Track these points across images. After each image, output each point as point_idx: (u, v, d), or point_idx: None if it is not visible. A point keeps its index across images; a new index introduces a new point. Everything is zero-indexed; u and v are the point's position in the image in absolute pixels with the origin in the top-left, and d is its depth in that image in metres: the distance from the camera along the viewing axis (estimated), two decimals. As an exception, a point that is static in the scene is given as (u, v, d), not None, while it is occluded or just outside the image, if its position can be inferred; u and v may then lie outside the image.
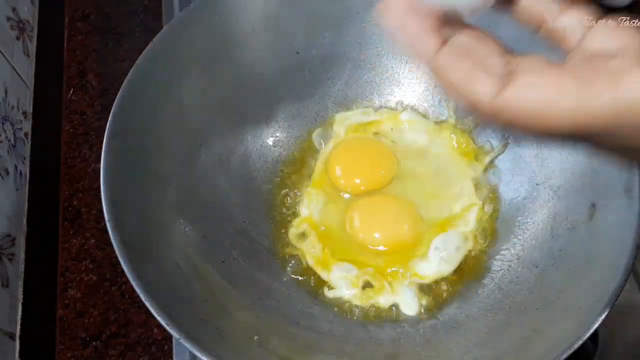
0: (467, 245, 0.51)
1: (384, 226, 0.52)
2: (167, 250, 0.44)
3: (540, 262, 0.47)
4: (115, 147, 0.43)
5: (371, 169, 0.55)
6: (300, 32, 0.54)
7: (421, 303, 0.48)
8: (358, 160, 0.55)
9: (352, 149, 0.56)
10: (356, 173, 0.54)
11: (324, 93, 0.57)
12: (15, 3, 0.69)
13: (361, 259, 0.50)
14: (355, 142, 0.57)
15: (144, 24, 0.72)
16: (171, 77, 0.48)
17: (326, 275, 0.50)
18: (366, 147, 0.57)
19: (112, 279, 0.57)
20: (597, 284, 0.40)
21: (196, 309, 0.42)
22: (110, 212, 0.41)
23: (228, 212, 0.51)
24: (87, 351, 0.54)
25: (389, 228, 0.52)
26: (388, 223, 0.52)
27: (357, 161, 0.55)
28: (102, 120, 0.65)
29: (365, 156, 0.56)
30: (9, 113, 0.63)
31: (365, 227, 0.51)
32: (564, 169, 0.48)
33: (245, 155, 0.54)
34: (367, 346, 0.46)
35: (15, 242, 0.60)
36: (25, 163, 0.65)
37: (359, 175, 0.54)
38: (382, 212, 0.53)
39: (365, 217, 0.52)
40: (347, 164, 0.55)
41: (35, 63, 0.72)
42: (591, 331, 0.37)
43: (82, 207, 0.61)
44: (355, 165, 0.55)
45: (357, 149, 0.56)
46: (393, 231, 0.52)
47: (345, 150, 0.56)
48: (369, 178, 0.54)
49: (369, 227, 0.51)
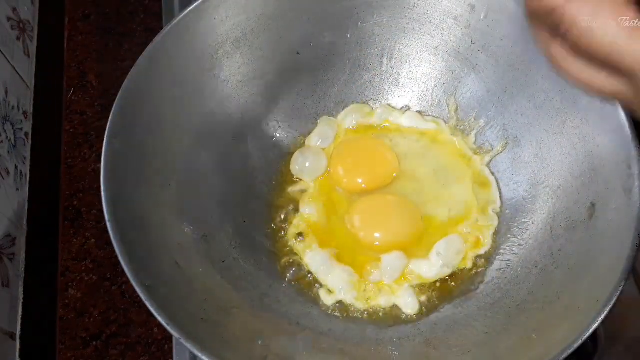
0: (468, 246, 0.51)
1: (384, 226, 0.52)
2: (167, 250, 0.44)
3: (540, 262, 0.47)
4: (115, 147, 0.43)
5: (372, 168, 0.55)
6: (300, 32, 0.54)
7: (421, 303, 0.48)
8: (360, 160, 0.55)
9: (354, 149, 0.56)
10: (358, 172, 0.54)
11: (324, 93, 0.57)
12: (16, 3, 0.69)
13: (361, 259, 0.50)
14: (356, 142, 0.57)
15: (144, 24, 0.72)
16: (171, 77, 0.48)
17: (325, 280, 0.50)
18: (367, 146, 0.57)
19: (112, 278, 0.57)
20: (597, 284, 0.40)
21: (196, 309, 0.42)
22: (111, 212, 0.41)
23: (228, 212, 0.51)
24: (87, 351, 0.54)
25: (389, 227, 0.52)
26: (388, 222, 0.52)
27: (359, 160, 0.55)
28: (102, 120, 0.65)
29: (366, 155, 0.56)
30: (9, 113, 0.63)
31: (366, 227, 0.51)
32: (563, 169, 0.48)
33: (245, 155, 0.54)
34: (367, 346, 0.46)
35: (15, 242, 0.60)
36: (25, 163, 0.65)
37: (361, 175, 0.54)
38: (383, 212, 0.53)
39: (366, 216, 0.52)
40: (349, 163, 0.55)
41: (35, 63, 0.72)
42: (591, 331, 0.37)
43: (83, 207, 0.61)
44: (357, 164, 0.55)
45: (358, 148, 0.56)
46: (393, 231, 0.52)
47: (347, 150, 0.56)
48: (371, 177, 0.54)
49: (370, 226, 0.51)
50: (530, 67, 0.50)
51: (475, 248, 0.51)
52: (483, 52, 0.53)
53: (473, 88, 0.55)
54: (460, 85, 0.55)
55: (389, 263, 0.49)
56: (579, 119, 0.47)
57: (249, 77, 0.54)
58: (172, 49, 0.48)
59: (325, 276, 0.49)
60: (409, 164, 0.55)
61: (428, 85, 0.57)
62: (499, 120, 0.54)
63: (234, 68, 0.53)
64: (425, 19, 0.54)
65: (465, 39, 0.53)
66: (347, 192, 0.54)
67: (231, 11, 0.51)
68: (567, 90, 0.48)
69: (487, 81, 0.54)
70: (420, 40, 0.55)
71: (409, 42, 0.56)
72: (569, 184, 0.48)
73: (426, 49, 0.56)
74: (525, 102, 0.51)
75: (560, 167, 0.49)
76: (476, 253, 0.51)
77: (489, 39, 0.52)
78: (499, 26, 0.51)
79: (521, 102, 0.52)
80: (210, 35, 0.50)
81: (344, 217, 0.52)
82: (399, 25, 0.55)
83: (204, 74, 0.51)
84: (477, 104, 0.55)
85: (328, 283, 0.49)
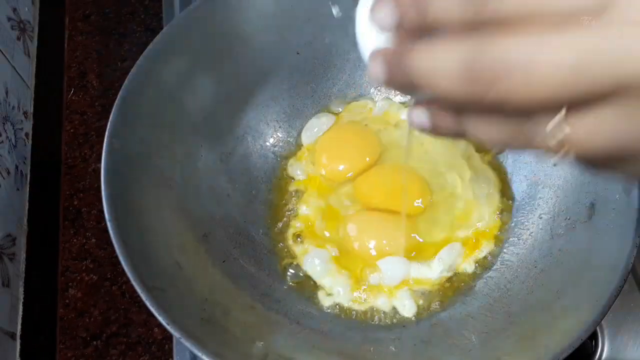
0: (468, 248, 0.51)
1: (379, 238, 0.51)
2: (167, 250, 0.44)
3: (540, 262, 0.47)
4: (115, 147, 0.43)
5: (353, 153, 0.54)
6: (300, 32, 0.54)
7: (419, 305, 0.48)
8: (340, 147, 0.55)
9: (334, 138, 0.56)
10: (339, 159, 0.54)
11: (324, 93, 0.57)
12: (16, 3, 0.69)
13: (360, 261, 0.50)
14: (336, 131, 0.56)
15: (144, 24, 0.72)
16: (171, 77, 0.48)
17: (322, 282, 0.49)
18: (347, 133, 0.56)
19: (112, 278, 0.57)
20: (597, 284, 0.40)
21: (196, 309, 0.42)
22: (111, 212, 0.41)
23: (228, 212, 0.51)
24: (87, 351, 0.54)
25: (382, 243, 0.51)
26: (382, 237, 0.51)
27: (340, 148, 0.55)
28: (102, 120, 0.65)
29: (346, 142, 0.55)
30: (9, 113, 0.63)
31: (361, 239, 0.51)
32: (563, 169, 0.48)
33: (245, 155, 0.54)
34: (367, 346, 0.46)
35: (15, 241, 0.60)
36: (26, 163, 0.65)
37: (342, 160, 0.54)
38: (377, 224, 0.52)
39: (361, 229, 0.51)
40: (331, 152, 0.54)
41: (35, 63, 0.72)
42: (591, 331, 0.37)
43: (83, 207, 0.61)
44: (338, 151, 0.55)
45: (339, 137, 0.56)
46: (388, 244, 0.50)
47: (328, 141, 0.55)
48: (352, 162, 0.54)
49: (365, 239, 0.50)
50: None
51: (475, 249, 0.51)
52: (483, 51, 0.53)
53: (473, 88, 0.55)
54: (460, 85, 0.55)
55: (389, 268, 0.49)
56: (579, 119, 0.47)
57: (249, 77, 0.54)
58: (172, 49, 0.48)
59: (322, 279, 0.49)
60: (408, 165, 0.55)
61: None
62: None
63: (234, 68, 0.53)
64: (425, 19, 0.54)
65: (465, 38, 0.53)
66: (336, 182, 0.53)
67: (231, 11, 0.51)
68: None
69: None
70: (420, 40, 0.55)
71: (409, 42, 0.56)
72: (569, 184, 0.48)
73: (426, 48, 0.55)
74: (526, 102, 0.51)
75: (560, 166, 0.49)
76: (476, 255, 0.50)
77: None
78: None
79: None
80: (210, 35, 0.50)
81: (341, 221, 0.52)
82: (399, 25, 0.55)
83: (204, 74, 0.51)
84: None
85: (325, 285, 0.49)
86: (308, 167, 0.55)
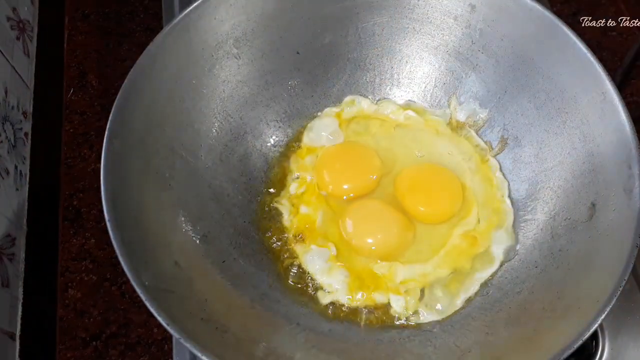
0: (467, 247, 0.51)
1: (377, 233, 0.51)
2: (167, 250, 0.44)
3: (540, 262, 0.47)
4: (115, 147, 0.43)
5: (356, 175, 0.54)
6: (300, 32, 0.54)
7: (419, 304, 0.48)
8: (343, 168, 0.54)
9: (336, 157, 0.55)
10: (343, 180, 0.53)
11: (324, 93, 0.57)
12: (16, 3, 0.69)
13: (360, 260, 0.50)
14: (338, 149, 0.56)
15: (144, 24, 0.72)
16: (171, 77, 0.48)
17: (322, 281, 0.49)
18: (350, 153, 0.56)
19: (112, 278, 0.57)
20: (597, 284, 0.40)
21: (196, 309, 0.42)
22: (110, 212, 0.41)
23: (228, 212, 0.51)
24: (87, 351, 0.54)
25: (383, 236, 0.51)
26: (382, 229, 0.51)
27: (342, 168, 0.54)
28: (102, 120, 0.65)
29: (349, 163, 0.54)
30: (9, 113, 0.63)
31: (359, 234, 0.51)
32: (563, 169, 0.48)
33: (245, 155, 0.54)
34: (367, 346, 0.46)
35: (15, 242, 0.60)
36: (25, 163, 0.65)
37: (346, 182, 0.53)
38: (376, 218, 0.52)
39: (358, 223, 0.51)
40: (333, 171, 0.54)
41: (35, 63, 0.72)
42: (591, 331, 0.37)
43: (82, 207, 0.61)
44: (341, 172, 0.54)
45: (341, 155, 0.55)
46: (383, 238, 0.51)
47: (329, 158, 0.55)
48: (356, 184, 0.53)
49: (363, 233, 0.51)
50: (531, 67, 0.50)
51: (474, 247, 0.51)
52: (483, 52, 0.53)
53: (473, 88, 0.55)
54: (460, 85, 0.55)
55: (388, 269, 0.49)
56: (579, 119, 0.47)
57: (249, 76, 0.54)
58: (172, 49, 0.48)
59: (322, 277, 0.49)
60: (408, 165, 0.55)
61: (428, 85, 0.57)
62: (499, 120, 0.54)
63: (234, 68, 0.53)
64: (425, 19, 0.54)
65: (466, 39, 0.53)
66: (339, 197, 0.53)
67: (231, 11, 0.51)
68: (567, 91, 0.48)
69: (488, 81, 0.54)
70: (420, 40, 0.55)
71: (409, 42, 0.56)
72: (569, 184, 0.48)
73: (426, 49, 0.56)
74: (526, 102, 0.51)
75: (561, 167, 0.49)
76: (475, 253, 0.50)
77: (489, 39, 0.52)
78: (499, 26, 0.51)
79: (521, 102, 0.52)
80: (210, 35, 0.50)
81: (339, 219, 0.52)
82: (399, 25, 0.55)
83: (204, 74, 0.51)
84: (477, 104, 0.55)
85: (325, 284, 0.49)
86: (308, 169, 0.55)
